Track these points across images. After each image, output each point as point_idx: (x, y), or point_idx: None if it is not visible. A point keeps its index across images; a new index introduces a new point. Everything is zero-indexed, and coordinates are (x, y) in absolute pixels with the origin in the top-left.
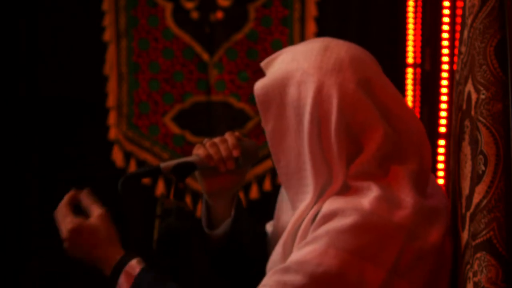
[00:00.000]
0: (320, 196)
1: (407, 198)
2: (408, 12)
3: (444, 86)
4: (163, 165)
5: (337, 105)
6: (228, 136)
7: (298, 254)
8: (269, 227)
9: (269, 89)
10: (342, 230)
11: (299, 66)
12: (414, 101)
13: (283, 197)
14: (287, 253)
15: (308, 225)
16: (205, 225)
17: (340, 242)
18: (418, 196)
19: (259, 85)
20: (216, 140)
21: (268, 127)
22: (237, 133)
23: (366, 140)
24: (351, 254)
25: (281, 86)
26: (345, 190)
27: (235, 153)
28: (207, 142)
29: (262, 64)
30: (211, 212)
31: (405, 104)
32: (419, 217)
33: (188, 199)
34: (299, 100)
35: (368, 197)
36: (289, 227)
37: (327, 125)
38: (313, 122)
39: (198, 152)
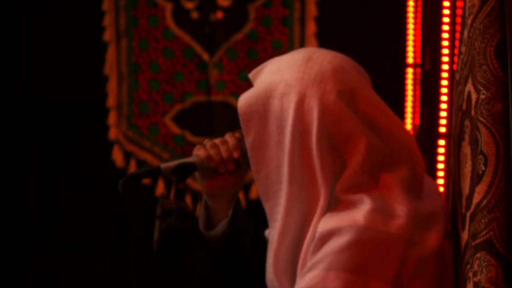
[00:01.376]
0: (306, 213)
1: (400, 206)
2: (408, 12)
3: (444, 86)
4: (163, 165)
5: (317, 117)
6: (229, 137)
7: (302, 282)
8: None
9: (252, 101)
10: (340, 250)
11: (282, 78)
12: (414, 101)
13: None
14: (281, 277)
15: (308, 247)
16: (203, 226)
17: (340, 263)
18: (412, 203)
19: (243, 98)
20: (217, 141)
21: (249, 138)
22: (237, 134)
23: (350, 152)
24: (352, 273)
25: (264, 98)
26: (336, 205)
27: (236, 154)
28: (207, 143)
29: (250, 75)
30: (210, 213)
31: (390, 113)
32: (415, 224)
33: (188, 199)
34: (281, 112)
35: (362, 211)
36: (275, 249)
37: (308, 137)
38: (294, 134)
39: (199, 153)
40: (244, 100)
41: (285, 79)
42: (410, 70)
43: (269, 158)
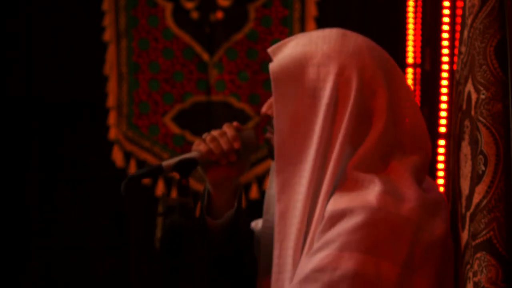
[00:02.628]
0: (320, 185)
1: (409, 191)
2: (408, 12)
3: (444, 86)
4: (164, 163)
5: (356, 88)
6: (227, 128)
7: (313, 261)
8: (255, 225)
9: (285, 68)
10: (352, 231)
11: (318, 48)
12: None
13: (271, 190)
14: (298, 254)
15: (317, 226)
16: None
17: (353, 243)
18: (420, 190)
19: (275, 64)
20: (216, 133)
21: (278, 106)
22: (235, 123)
23: (371, 128)
24: (365, 253)
25: (298, 66)
26: (344, 181)
27: (236, 145)
28: (206, 136)
29: (270, 49)
30: (212, 203)
31: (413, 99)
32: (423, 210)
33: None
34: (317, 82)
35: (373, 192)
36: (298, 222)
37: (344, 108)
38: (330, 104)
39: (199, 148)
40: (276, 66)
41: (322, 50)
42: (410, 70)
43: (296, 128)
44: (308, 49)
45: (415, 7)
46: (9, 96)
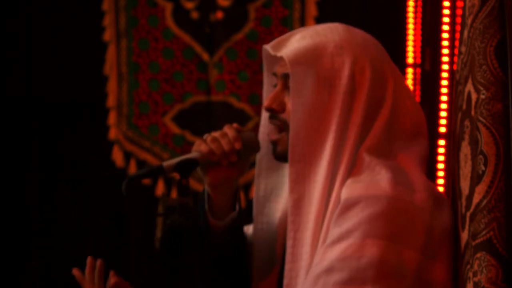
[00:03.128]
0: (335, 173)
1: (418, 181)
2: (408, 12)
3: (444, 86)
4: (165, 164)
5: (369, 77)
6: (228, 129)
7: (337, 251)
8: (246, 230)
9: (302, 58)
10: (373, 219)
11: (328, 39)
12: None
13: (260, 192)
14: (316, 242)
15: (332, 214)
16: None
17: (375, 230)
18: (427, 180)
19: (290, 54)
20: (217, 134)
21: (295, 96)
22: (235, 125)
23: (379, 114)
24: (388, 240)
25: (313, 56)
26: (358, 166)
27: (237, 145)
28: (207, 137)
29: (271, 45)
30: (212, 205)
31: (410, 90)
32: (433, 199)
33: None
34: (332, 71)
35: (385, 180)
36: (317, 210)
37: (361, 96)
38: (347, 93)
39: (200, 148)
40: (292, 56)
41: (333, 40)
42: (410, 70)
43: (313, 118)
44: (319, 40)
45: (415, 7)
46: (9, 96)
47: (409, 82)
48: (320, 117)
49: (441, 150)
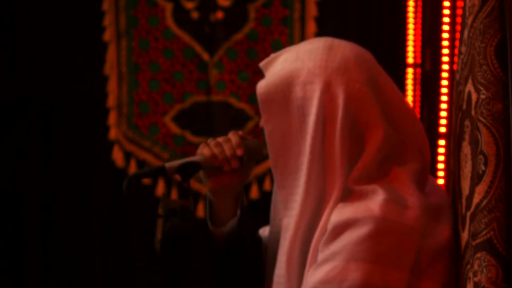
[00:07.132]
0: (321, 201)
1: (412, 198)
2: (408, 12)
3: (444, 86)
4: (167, 165)
5: (343, 104)
6: (232, 135)
7: (319, 273)
8: (262, 232)
9: (272, 88)
10: (359, 241)
11: (304, 66)
12: (414, 101)
13: (277, 196)
14: (292, 267)
15: (319, 238)
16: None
17: (359, 254)
18: (422, 196)
19: (262, 84)
20: (220, 139)
21: (268, 127)
22: (240, 132)
23: (367, 141)
24: (372, 263)
25: (285, 85)
26: (349, 195)
27: (239, 152)
28: (211, 141)
29: (261, 64)
30: (214, 211)
31: (406, 103)
32: (427, 216)
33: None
34: (304, 100)
35: (376, 201)
36: (290, 235)
37: (332, 125)
38: (318, 122)
39: (203, 151)
40: (264, 87)
41: (307, 67)
42: (410, 70)
43: (288, 146)
44: (294, 66)
45: (415, 7)
46: (9, 96)
47: (409, 82)
48: (295, 146)
49: (441, 150)
